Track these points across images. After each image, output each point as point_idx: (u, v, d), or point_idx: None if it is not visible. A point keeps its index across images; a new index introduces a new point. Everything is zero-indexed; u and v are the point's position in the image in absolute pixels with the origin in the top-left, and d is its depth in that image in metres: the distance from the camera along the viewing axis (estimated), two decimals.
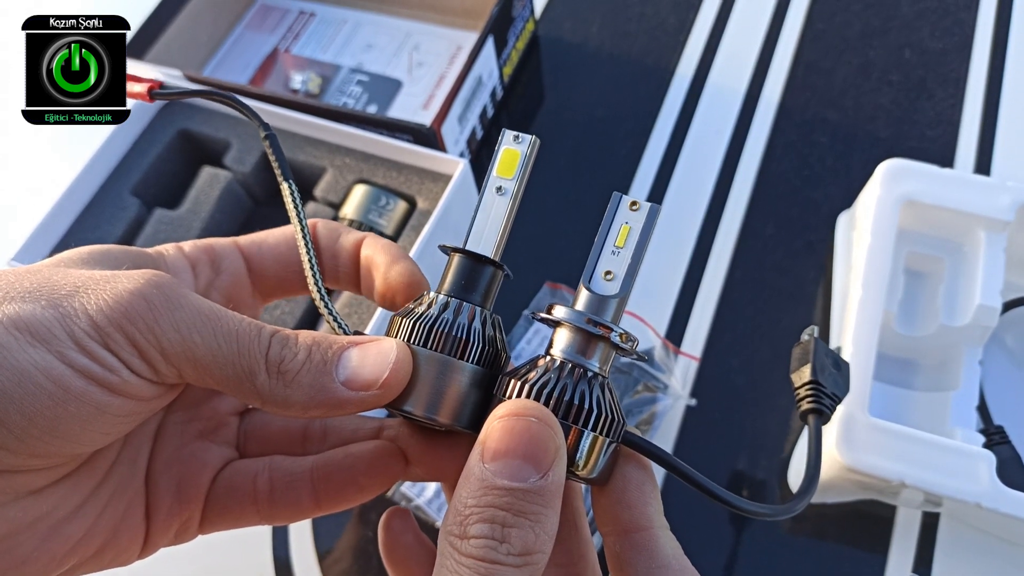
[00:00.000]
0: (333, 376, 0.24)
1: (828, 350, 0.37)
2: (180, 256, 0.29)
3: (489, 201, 0.27)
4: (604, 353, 0.25)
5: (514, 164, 0.27)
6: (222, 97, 0.34)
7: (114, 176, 0.63)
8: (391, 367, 0.25)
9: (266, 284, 0.31)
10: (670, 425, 0.55)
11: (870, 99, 0.69)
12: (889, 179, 0.53)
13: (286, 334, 0.25)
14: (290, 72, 0.76)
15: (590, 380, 0.25)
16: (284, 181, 0.31)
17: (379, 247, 0.30)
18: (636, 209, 0.26)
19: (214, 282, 0.30)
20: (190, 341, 0.23)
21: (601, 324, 0.25)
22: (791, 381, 0.36)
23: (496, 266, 0.27)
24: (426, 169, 0.60)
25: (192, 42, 0.76)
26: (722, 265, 0.62)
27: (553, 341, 0.26)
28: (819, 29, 0.74)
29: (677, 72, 0.73)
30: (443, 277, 0.28)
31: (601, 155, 0.69)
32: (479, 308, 0.27)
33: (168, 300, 0.23)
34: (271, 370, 0.24)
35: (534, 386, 0.24)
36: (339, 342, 0.25)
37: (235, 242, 0.31)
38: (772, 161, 0.67)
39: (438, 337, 0.25)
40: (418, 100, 0.73)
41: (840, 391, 0.35)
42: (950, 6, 0.73)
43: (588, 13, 0.78)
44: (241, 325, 0.24)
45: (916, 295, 0.56)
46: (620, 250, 0.26)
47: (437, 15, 0.77)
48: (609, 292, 0.25)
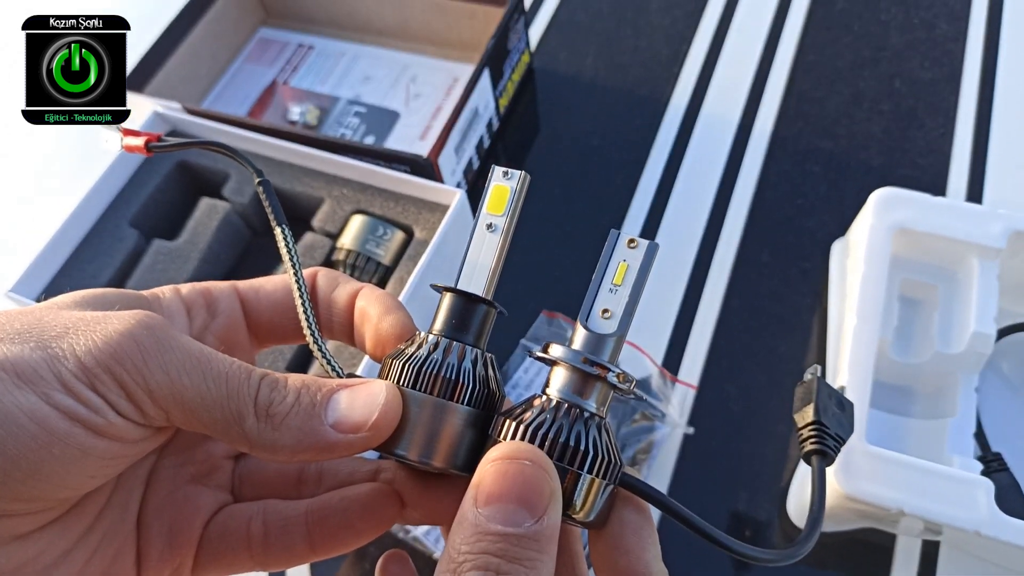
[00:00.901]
0: (322, 419, 0.24)
1: (831, 390, 0.37)
2: (176, 298, 0.29)
3: (480, 238, 0.27)
4: (601, 393, 0.25)
5: (504, 200, 0.27)
6: (217, 147, 0.34)
7: (113, 207, 0.64)
8: (380, 409, 0.24)
9: (262, 330, 0.31)
10: (668, 454, 0.55)
11: (862, 128, 0.69)
12: (881, 207, 0.54)
13: (276, 377, 0.25)
14: (288, 104, 0.77)
15: (586, 421, 0.24)
16: (278, 226, 0.31)
17: (373, 298, 0.30)
18: (634, 247, 0.26)
19: (209, 325, 0.30)
20: (179, 383, 0.23)
21: (598, 364, 0.24)
22: (794, 421, 0.36)
23: (488, 304, 0.27)
24: (423, 199, 0.60)
25: (192, 75, 0.77)
26: (718, 293, 0.62)
27: (549, 380, 0.26)
28: (810, 60, 0.75)
29: (671, 103, 0.74)
30: (434, 317, 0.27)
31: (597, 184, 0.69)
32: (470, 347, 0.26)
33: (158, 342, 0.23)
34: (260, 413, 0.24)
35: (528, 427, 0.24)
36: (328, 385, 0.25)
37: (233, 286, 0.31)
38: (766, 189, 0.67)
39: (427, 378, 0.25)
40: (415, 131, 0.74)
41: (844, 432, 0.35)
42: (938, 37, 0.74)
43: (583, 45, 0.79)
44: (231, 368, 0.24)
45: (911, 322, 0.56)
46: (618, 288, 0.26)
47: (434, 48, 0.79)
48: (607, 331, 0.25)
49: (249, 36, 0.83)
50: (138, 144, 0.36)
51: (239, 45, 0.82)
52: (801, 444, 0.38)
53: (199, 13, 0.76)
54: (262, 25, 0.84)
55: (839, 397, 0.38)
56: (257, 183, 0.32)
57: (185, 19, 0.74)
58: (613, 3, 0.82)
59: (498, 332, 0.28)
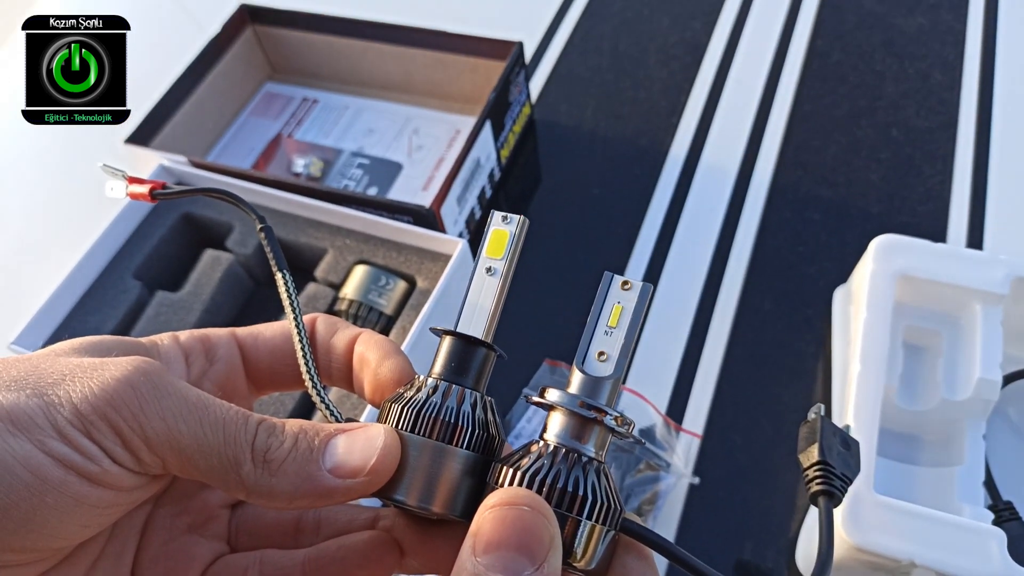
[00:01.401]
0: (320, 464, 0.24)
1: (836, 429, 0.36)
2: (174, 345, 0.29)
3: (479, 282, 0.27)
4: (599, 437, 0.25)
5: (503, 244, 0.27)
6: (220, 194, 0.34)
7: (117, 259, 0.64)
8: (378, 453, 0.24)
9: (260, 376, 0.31)
10: (674, 504, 0.54)
11: (861, 176, 0.70)
12: (882, 254, 0.54)
13: (273, 423, 0.25)
14: (292, 156, 0.78)
15: (585, 466, 0.24)
16: (279, 271, 0.32)
17: (372, 343, 0.29)
18: (628, 289, 0.26)
19: (207, 372, 0.30)
20: (175, 430, 0.23)
21: (595, 407, 0.24)
22: (799, 461, 0.35)
23: (487, 347, 0.27)
24: (426, 249, 0.61)
25: (198, 128, 0.78)
26: (721, 341, 0.62)
27: (547, 425, 0.25)
28: (807, 110, 0.76)
29: (670, 153, 0.74)
30: (434, 360, 0.27)
31: (598, 233, 0.70)
32: (469, 390, 0.26)
33: (155, 388, 0.23)
34: (257, 459, 0.24)
35: (526, 473, 0.24)
36: (326, 430, 0.25)
37: (232, 332, 0.31)
38: (767, 237, 0.67)
39: (426, 421, 0.25)
40: (418, 182, 0.74)
41: (850, 471, 0.35)
42: (934, 87, 0.75)
43: (582, 97, 0.80)
44: (228, 414, 0.24)
45: (916, 369, 0.56)
46: (613, 330, 0.26)
47: (436, 100, 0.80)
48: (603, 373, 0.25)
49: (255, 90, 0.85)
50: (143, 192, 0.37)
51: (245, 99, 0.84)
52: (807, 485, 0.37)
53: (206, 69, 0.77)
54: (268, 80, 0.86)
55: (844, 436, 0.38)
56: (259, 229, 0.33)
57: (192, 74, 0.76)
58: (612, 56, 0.83)
59: (500, 381, 0.28)
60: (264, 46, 0.83)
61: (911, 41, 0.80)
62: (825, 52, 0.80)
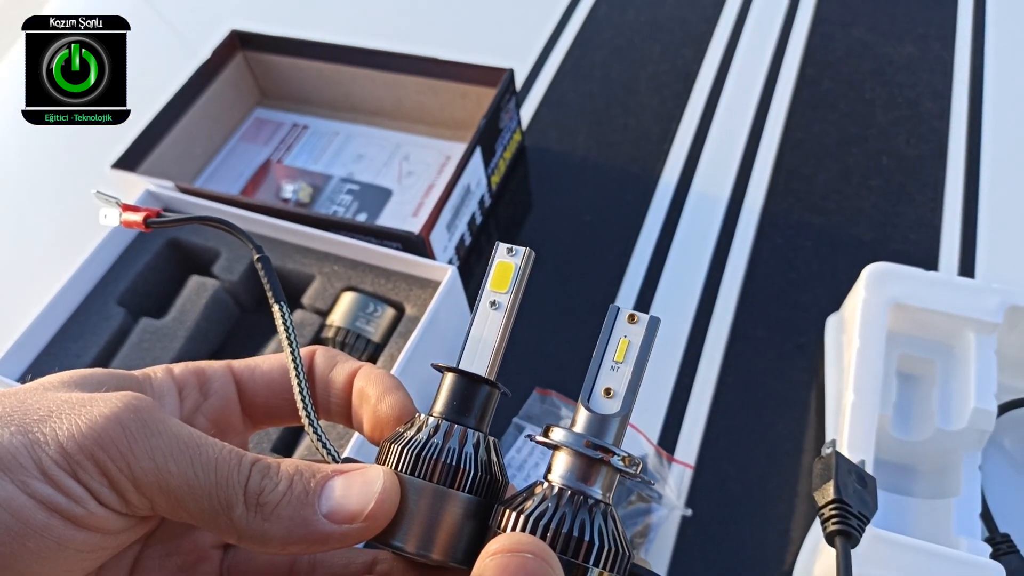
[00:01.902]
0: (315, 508, 0.23)
1: (851, 464, 0.36)
2: (167, 379, 0.28)
3: (483, 316, 0.27)
4: (606, 478, 0.24)
5: (508, 277, 0.27)
6: (216, 223, 0.33)
7: (101, 285, 0.63)
8: (376, 497, 0.23)
9: (257, 411, 0.30)
10: (666, 537, 0.53)
11: (852, 203, 0.70)
12: (874, 282, 0.53)
13: (268, 463, 0.24)
14: (281, 182, 0.77)
15: (591, 509, 0.23)
16: (276, 303, 0.31)
17: (372, 378, 0.29)
18: (635, 322, 0.25)
19: (201, 406, 0.29)
20: (165, 470, 0.22)
21: (601, 447, 0.23)
22: (813, 499, 0.35)
23: (491, 385, 0.26)
24: (414, 276, 0.60)
25: (187, 153, 0.78)
26: (713, 369, 0.61)
27: (551, 466, 0.25)
28: (798, 138, 0.76)
29: (661, 179, 0.74)
30: (435, 398, 0.27)
31: (589, 260, 0.69)
32: (472, 431, 0.25)
33: (145, 426, 0.22)
34: (249, 502, 0.23)
35: (530, 517, 0.23)
36: (323, 471, 0.24)
37: (228, 365, 0.30)
38: (758, 265, 0.67)
39: (427, 463, 0.24)
40: (408, 208, 0.74)
41: (867, 510, 0.34)
42: (924, 115, 0.76)
43: (573, 124, 0.80)
44: (220, 454, 0.23)
45: (910, 398, 0.55)
46: (619, 365, 0.25)
47: (427, 127, 0.80)
48: (610, 411, 0.24)
49: (245, 116, 0.84)
50: (136, 220, 0.36)
51: (235, 125, 0.83)
52: (823, 524, 0.36)
53: (196, 94, 0.77)
54: (258, 105, 0.85)
55: (859, 472, 0.37)
56: (256, 259, 0.31)
57: (182, 99, 0.75)
58: (603, 83, 0.83)
59: None
60: (254, 72, 0.83)
61: (900, 70, 0.80)
62: (815, 80, 0.81)
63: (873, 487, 0.39)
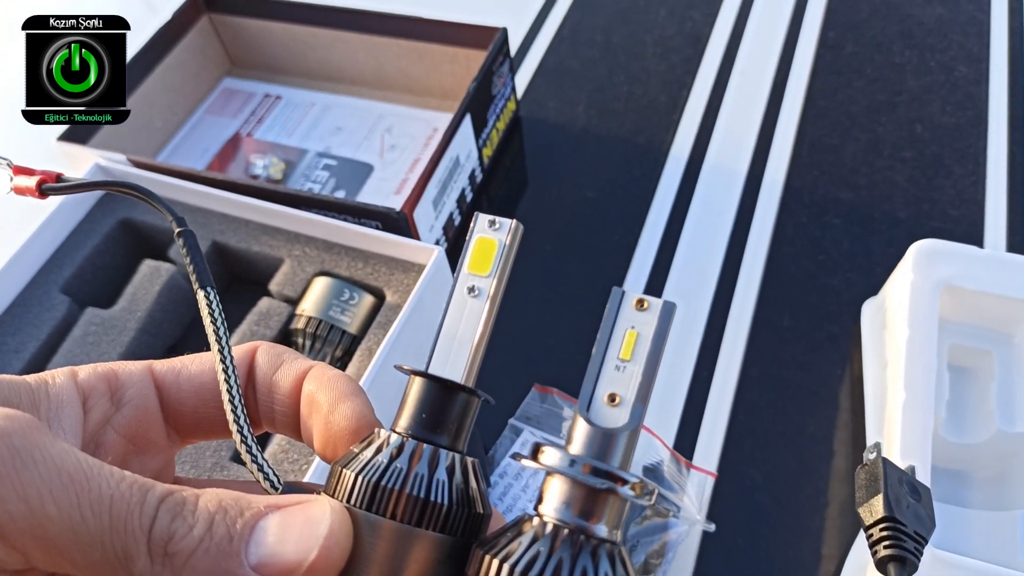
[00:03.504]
0: (241, 559, 0.18)
1: (901, 473, 0.29)
2: (69, 385, 0.22)
3: (458, 306, 0.21)
4: (613, 511, 0.18)
5: (490, 257, 0.21)
6: (129, 189, 0.26)
7: (43, 272, 0.56)
8: (321, 544, 0.18)
9: (184, 422, 0.24)
10: (686, 556, 0.46)
11: (884, 177, 0.63)
12: (923, 262, 0.47)
13: (182, 498, 0.18)
14: (250, 157, 0.70)
15: (595, 551, 0.18)
16: (200, 289, 0.24)
17: (324, 381, 0.23)
18: (645, 309, 0.19)
19: (112, 418, 0.23)
20: (41, 513, 0.16)
21: (607, 474, 0.18)
22: (859, 517, 0.28)
23: (469, 393, 0.21)
24: (396, 258, 0.53)
25: (145, 127, 0.70)
26: (734, 363, 0.55)
27: (543, 495, 0.19)
28: (821, 106, 0.69)
29: (671, 152, 0.67)
30: (399, 409, 0.21)
31: (592, 241, 0.62)
32: (445, 451, 0.20)
33: (15, 455, 0.17)
34: (155, 551, 0.17)
35: (515, 567, 0.17)
36: (253, 507, 0.18)
37: (148, 367, 0.24)
38: (782, 245, 0.60)
39: (388, 496, 0.18)
40: (391, 185, 0.67)
41: (924, 528, 0.28)
42: (959, 80, 0.69)
43: (573, 92, 0.73)
44: (119, 488, 0.17)
45: (964, 395, 0.48)
46: (626, 364, 0.19)
47: (411, 96, 0.72)
48: (615, 423, 0.18)
49: (212, 86, 0.77)
50: (29, 186, 0.29)
51: (201, 95, 0.76)
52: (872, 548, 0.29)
53: (155, 61, 0.70)
54: (227, 75, 0.78)
55: (910, 481, 0.30)
56: (177, 234, 0.25)
57: (138, 66, 0.68)
58: (605, 49, 0.76)
59: (481, 409, 0.21)
60: (222, 36, 0.75)
61: (930, 32, 0.73)
62: (838, 43, 0.73)
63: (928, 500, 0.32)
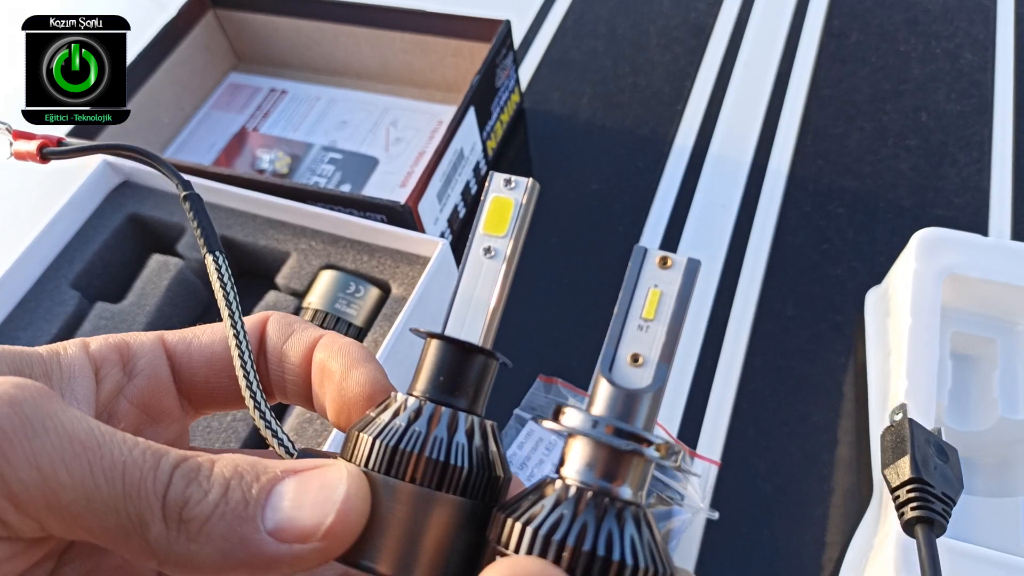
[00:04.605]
0: (257, 523, 0.18)
1: (928, 434, 0.29)
2: (81, 355, 0.22)
3: (474, 268, 0.21)
4: (638, 472, 0.18)
5: (506, 217, 0.21)
6: (132, 152, 0.27)
7: (53, 267, 0.57)
8: (338, 508, 0.18)
9: (196, 392, 0.24)
10: (689, 544, 0.47)
11: (888, 166, 0.63)
12: (926, 250, 0.47)
13: (197, 463, 0.18)
14: (256, 152, 0.70)
15: (619, 514, 0.17)
16: (209, 253, 0.24)
17: (336, 349, 0.23)
18: (668, 267, 0.19)
19: (124, 388, 0.23)
20: (54, 480, 0.16)
21: (632, 434, 0.18)
22: (884, 478, 0.28)
23: (487, 355, 0.21)
24: (401, 251, 0.53)
25: (153, 122, 0.71)
26: (738, 352, 0.55)
27: (565, 458, 0.19)
28: (825, 95, 0.69)
29: (675, 143, 0.67)
30: (416, 373, 0.21)
31: (596, 232, 0.62)
32: (464, 414, 0.20)
33: (26, 422, 0.17)
34: (170, 517, 0.17)
35: (539, 531, 0.17)
36: (269, 472, 0.18)
37: (159, 337, 0.24)
38: (786, 235, 0.60)
39: (407, 459, 0.19)
40: (396, 178, 0.67)
41: (952, 490, 0.28)
42: (964, 68, 0.68)
43: (577, 84, 0.73)
44: (131, 454, 0.17)
45: (966, 383, 0.48)
46: (650, 324, 0.19)
47: (416, 89, 0.73)
48: (639, 384, 0.19)
49: (218, 81, 0.77)
50: (29, 150, 0.30)
51: (207, 91, 0.76)
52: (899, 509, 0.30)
53: (161, 57, 0.70)
54: (232, 70, 0.78)
55: (938, 443, 0.30)
56: (183, 198, 0.25)
57: (145, 63, 0.68)
58: (609, 40, 0.76)
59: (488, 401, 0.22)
60: (227, 32, 0.76)
61: (936, 19, 0.73)
62: (842, 32, 0.73)
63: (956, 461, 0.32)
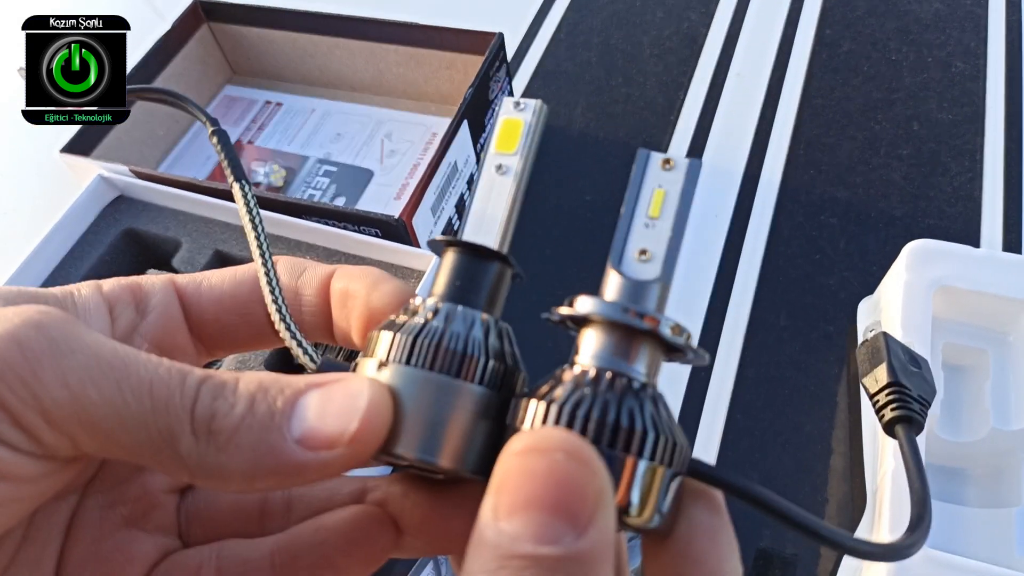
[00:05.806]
0: (284, 433, 0.18)
1: (902, 346, 0.30)
2: (95, 295, 0.23)
3: (487, 184, 0.22)
4: (651, 356, 0.19)
5: (516, 136, 0.22)
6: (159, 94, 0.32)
7: (49, 283, 0.57)
8: (361, 415, 0.18)
9: (207, 331, 0.25)
10: None
11: (880, 175, 0.63)
12: (917, 262, 0.47)
13: (222, 380, 0.19)
14: (252, 165, 0.71)
15: (638, 392, 0.18)
16: (236, 181, 0.27)
17: (355, 275, 0.24)
18: (671, 167, 0.20)
19: (138, 326, 0.24)
20: (84, 398, 0.17)
21: (647, 315, 0.18)
22: (863, 387, 0.29)
23: (502, 260, 0.21)
24: (396, 265, 0.53)
25: (149, 136, 0.71)
26: (732, 362, 0.55)
27: (579, 346, 0.19)
28: (818, 104, 0.69)
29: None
30: (434, 280, 0.22)
31: (591, 244, 0.63)
32: (481, 313, 0.21)
33: (52, 344, 0.17)
34: (199, 429, 0.18)
35: (563, 407, 0.18)
36: (293, 385, 0.19)
37: (170, 279, 0.25)
38: (779, 245, 0.61)
39: (426, 350, 0.19)
40: (391, 190, 0.67)
41: (927, 393, 0.29)
42: (955, 76, 0.69)
43: (571, 96, 0.73)
44: (157, 372, 0.18)
45: (958, 394, 0.49)
46: (655, 221, 0.20)
47: (410, 102, 0.73)
48: (647, 276, 0.19)
49: (213, 94, 0.78)
50: None
51: (202, 103, 0.76)
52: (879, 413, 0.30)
53: (157, 70, 0.70)
54: (227, 82, 0.79)
55: (911, 354, 0.31)
56: (211, 133, 0.29)
57: (140, 76, 0.69)
58: (602, 51, 0.77)
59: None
60: (222, 45, 0.76)
61: (927, 28, 0.73)
62: (834, 41, 0.74)
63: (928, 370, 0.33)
